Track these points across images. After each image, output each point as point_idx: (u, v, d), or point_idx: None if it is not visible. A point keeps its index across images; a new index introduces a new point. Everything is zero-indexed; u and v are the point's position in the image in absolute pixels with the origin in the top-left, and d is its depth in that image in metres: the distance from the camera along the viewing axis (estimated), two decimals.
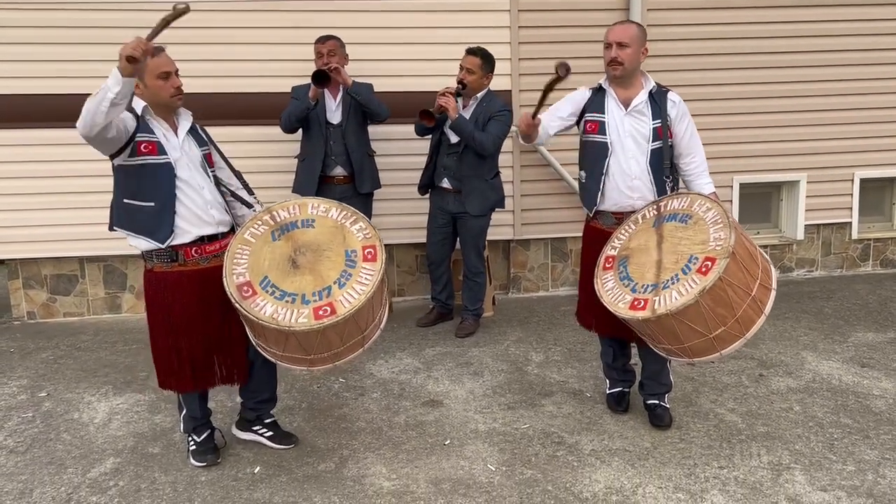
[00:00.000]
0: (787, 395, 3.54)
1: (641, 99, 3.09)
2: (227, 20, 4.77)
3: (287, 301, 2.62)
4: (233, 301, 2.63)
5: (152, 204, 2.72)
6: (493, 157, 4.39)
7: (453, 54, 4.38)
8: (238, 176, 3.04)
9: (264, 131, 4.84)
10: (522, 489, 2.79)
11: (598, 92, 3.18)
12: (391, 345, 4.36)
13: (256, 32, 4.81)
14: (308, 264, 2.73)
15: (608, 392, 3.48)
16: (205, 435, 3.04)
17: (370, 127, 4.59)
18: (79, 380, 3.95)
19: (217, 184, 2.93)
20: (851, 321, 4.62)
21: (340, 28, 4.55)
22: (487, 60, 4.26)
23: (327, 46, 4.33)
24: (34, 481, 2.92)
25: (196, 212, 2.79)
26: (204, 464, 2.99)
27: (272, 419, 3.20)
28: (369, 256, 2.74)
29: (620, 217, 3.11)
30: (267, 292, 2.65)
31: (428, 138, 4.48)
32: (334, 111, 4.40)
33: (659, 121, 3.07)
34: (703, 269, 2.62)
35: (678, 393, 3.55)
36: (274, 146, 4.85)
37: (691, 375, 3.79)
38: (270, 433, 3.16)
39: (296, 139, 4.55)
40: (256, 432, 3.17)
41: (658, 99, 3.09)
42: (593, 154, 3.16)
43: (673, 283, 2.68)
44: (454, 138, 4.32)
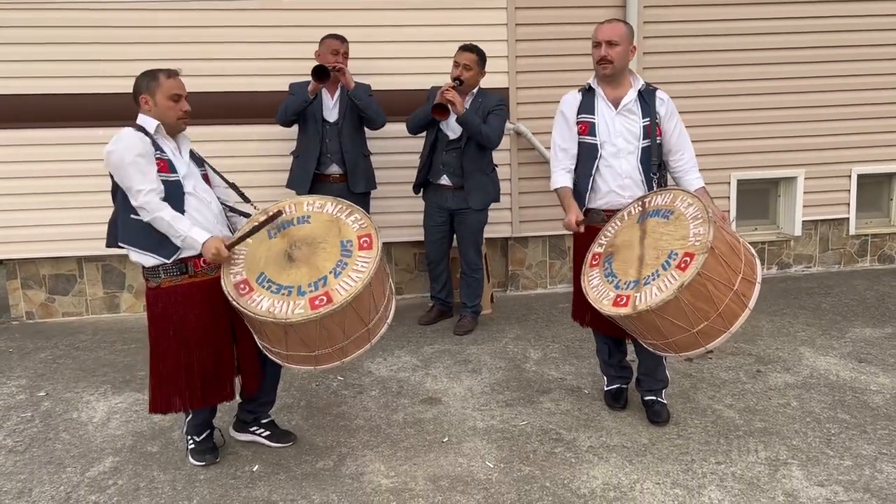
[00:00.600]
0: (785, 391, 3.55)
1: (631, 98, 3.11)
2: (222, 19, 4.78)
3: (283, 294, 2.62)
4: (230, 299, 2.63)
5: None
6: (491, 152, 4.44)
7: (450, 52, 4.38)
8: (233, 186, 3.06)
9: (259, 130, 4.85)
10: (520, 486, 2.79)
11: (588, 92, 3.19)
12: (390, 343, 4.36)
13: (252, 31, 4.81)
14: (303, 257, 2.72)
15: (606, 389, 3.48)
16: (204, 434, 3.04)
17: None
18: (77, 379, 3.96)
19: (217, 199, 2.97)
20: (849, 317, 4.62)
21: (337, 26, 4.56)
22: (482, 56, 4.30)
23: (345, 47, 4.34)
24: (33, 480, 2.93)
25: (205, 225, 2.80)
26: (203, 463, 3.00)
27: (269, 419, 3.20)
28: (365, 245, 2.73)
29: (611, 214, 3.12)
30: (263, 287, 2.65)
31: (421, 136, 4.49)
32: (331, 109, 4.40)
33: (648, 119, 3.09)
34: (683, 265, 2.63)
35: (676, 389, 3.56)
36: (269, 144, 4.86)
37: (689, 371, 3.79)
38: (268, 433, 3.16)
39: (291, 137, 4.56)
40: (254, 433, 3.17)
41: (647, 97, 3.11)
42: (583, 155, 3.17)
43: (654, 280, 2.69)
44: (452, 135, 4.34)
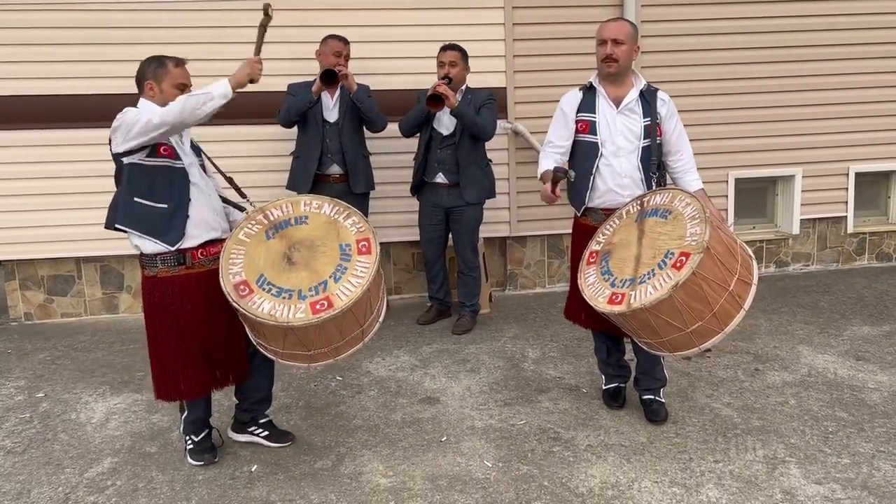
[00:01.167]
0: (783, 389, 3.55)
1: (632, 97, 3.11)
2: (220, 19, 4.78)
3: (284, 297, 2.64)
4: (230, 300, 2.64)
5: (165, 206, 2.73)
6: (484, 145, 4.48)
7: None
8: (231, 181, 3.06)
9: (258, 130, 4.85)
10: (518, 485, 2.80)
11: (589, 91, 3.19)
12: (388, 342, 4.37)
13: (250, 31, 4.79)
14: (303, 260, 2.74)
15: (604, 388, 3.49)
16: (202, 434, 3.04)
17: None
18: (76, 380, 3.96)
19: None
20: (847, 315, 4.63)
21: (336, 26, 4.56)
22: (464, 53, 4.35)
23: (347, 49, 4.36)
24: (32, 481, 2.93)
25: (206, 217, 2.81)
26: (201, 463, 3.00)
27: (267, 419, 3.20)
28: (364, 249, 2.75)
29: (610, 213, 3.12)
30: (264, 290, 2.66)
31: (416, 137, 4.52)
32: (331, 109, 4.40)
33: (649, 119, 3.09)
34: (678, 265, 2.64)
35: (674, 388, 3.56)
36: (268, 145, 4.86)
37: (687, 370, 3.80)
38: (267, 433, 3.17)
39: (290, 138, 4.56)
40: (253, 433, 3.17)
41: (648, 97, 3.11)
42: (583, 153, 3.17)
43: (649, 278, 2.70)
44: (446, 131, 4.36)
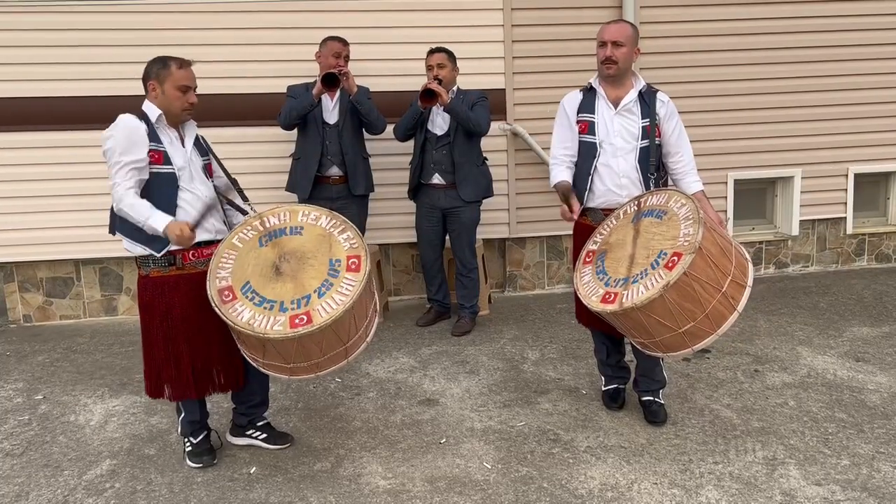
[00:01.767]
0: (782, 391, 3.55)
1: (631, 98, 3.12)
2: (221, 21, 4.78)
3: (265, 308, 2.61)
4: (212, 304, 2.63)
5: None
6: (479, 143, 4.49)
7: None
8: (234, 183, 3.05)
9: (257, 132, 4.85)
10: (518, 486, 2.79)
11: (589, 92, 3.20)
12: (387, 344, 4.36)
13: (251, 33, 4.81)
14: (291, 272, 2.71)
15: (603, 389, 3.49)
16: (201, 436, 3.04)
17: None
18: (75, 382, 3.95)
19: (216, 192, 2.95)
20: (846, 316, 4.63)
21: (335, 28, 4.56)
22: (451, 54, 4.37)
23: (347, 50, 4.36)
24: (30, 484, 2.92)
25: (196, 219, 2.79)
26: (200, 465, 2.99)
27: (265, 421, 3.20)
28: (353, 266, 2.70)
29: (609, 213, 3.13)
30: (247, 298, 2.64)
31: (411, 143, 4.56)
32: (331, 111, 4.40)
33: (648, 120, 3.10)
34: (670, 265, 2.64)
35: (673, 389, 3.56)
36: (267, 146, 4.86)
37: (686, 371, 3.80)
38: (265, 435, 3.16)
39: (290, 139, 4.56)
40: (251, 436, 3.17)
41: (647, 98, 3.12)
42: (582, 154, 3.18)
43: (642, 278, 2.70)
44: (441, 131, 4.39)
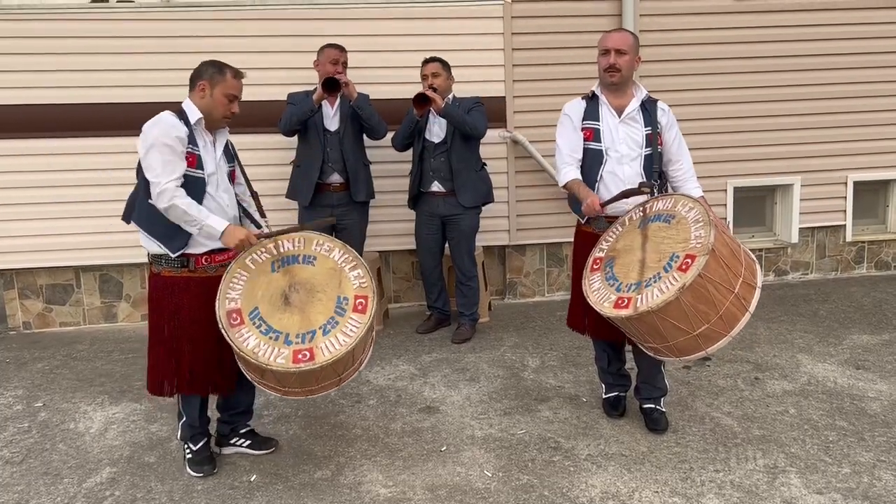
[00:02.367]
0: (783, 398, 3.55)
1: (634, 107, 3.14)
2: (221, 29, 4.80)
3: (270, 338, 2.64)
4: (220, 325, 2.65)
5: None
6: (477, 148, 4.51)
7: (448, 61, 4.42)
8: (255, 197, 3.06)
9: (258, 139, 4.86)
10: (519, 495, 2.79)
11: (592, 100, 3.21)
12: (388, 351, 4.36)
13: (251, 41, 4.83)
14: (299, 303, 2.73)
15: (604, 397, 3.48)
16: (201, 443, 3.03)
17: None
18: (75, 389, 3.95)
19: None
20: (846, 324, 4.63)
21: (336, 36, 4.57)
22: (445, 63, 4.39)
23: (344, 57, 4.38)
24: (30, 492, 2.91)
25: None
26: (200, 474, 2.98)
27: (248, 428, 3.20)
28: (360, 307, 2.73)
29: (613, 220, 3.13)
30: (254, 324, 2.66)
31: (409, 152, 4.58)
32: (332, 118, 4.41)
33: (650, 128, 3.12)
34: (684, 267, 2.64)
35: (674, 397, 3.56)
36: (268, 154, 4.87)
37: (687, 379, 3.80)
38: (249, 441, 3.17)
39: (290, 146, 4.56)
40: (235, 444, 3.16)
41: (649, 107, 3.15)
42: (588, 161, 3.19)
43: (655, 281, 2.70)
44: (437, 139, 4.41)
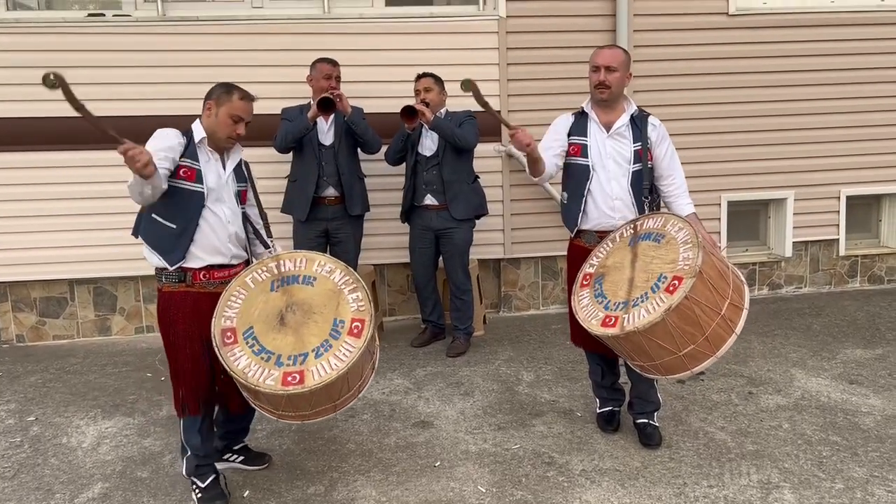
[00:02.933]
0: (777, 413, 3.55)
1: (623, 122, 3.15)
2: (216, 43, 4.82)
3: (262, 358, 2.61)
4: (213, 344, 2.63)
5: (174, 226, 2.74)
6: (470, 161, 4.53)
7: (443, 75, 4.45)
8: (264, 218, 3.07)
9: (252, 153, 4.79)
10: None
11: (581, 115, 3.23)
12: (382, 365, 4.34)
13: (244, 55, 4.84)
14: (294, 324, 2.70)
15: (598, 411, 3.48)
16: (209, 480, 2.90)
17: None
18: (67, 403, 3.93)
19: (245, 219, 2.96)
20: (840, 338, 4.64)
21: (330, 51, 4.60)
22: (438, 79, 4.43)
23: (337, 71, 4.40)
24: None
25: (214, 243, 2.79)
26: None
27: (242, 444, 3.18)
28: (355, 331, 2.68)
29: (603, 236, 3.15)
30: (247, 344, 2.63)
31: (402, 167, 4.61)
32: (327, 133, 4.43)
33: (639, 143, 3.13)
34: (671, 288, 2.65)
35: (668, 411, 3.56)
36: (262, 167, 4.82)
37: (681, 394, 3.80)
38: (242, 457, 3.15)
39: (284, 160, 4.57)
40: (228, 460, 3.15)
41: (639, 122, 3.15)
42: (576, 176, 3.21)
43: (642, 301, 2.71)
44: (429, 152, 4.43)
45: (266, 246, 3.02)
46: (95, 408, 3.86)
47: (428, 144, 4.44)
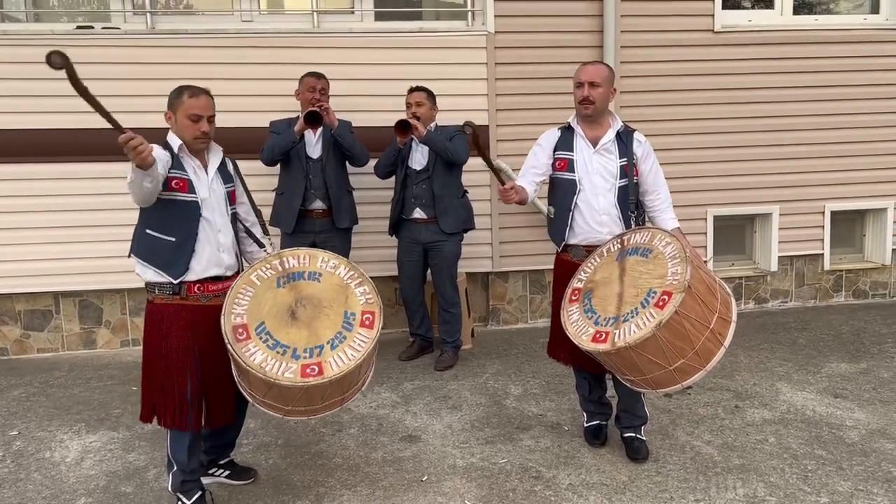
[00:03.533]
0: (762, 427, 3.56)
1: (609, 138, 3.18)
2: (205, 56, 4.82)
3: (278, 352, 2.61)
4: (226, 341, 2.62)
5: (173, 239, 2.73)
6: (459, 175, 4.55)
7: (434, 90, 4.47)
8: (258, 215, 3.05)
9: (242, 166, 4.84)
10: None
11: (567, 130, 3.26)
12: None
13: (233, 68, 4.85)
14: (306, 318, 2.72)
15: (585, 425, 3.49)
16: (195, 497, 2.87)
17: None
18: (51, 417, 3.89)
19: (234, 220, 2.94)
20: (825, 352, 4.67)
21: (319, 65, 4.62)
22: (430, 93, 4.44)
23: (321, 83, 4.41)
24: None
25: (210, 254, 2.79)
26: None
27: (228, 459, 3.16)
28: (367, 322, 2.74)
29: (591, 250, 3.16)
30: (260, 339, 2.64)
31: (390, 180, 4.63)
32: (314, 146, 4.44)
33: (625, 159, 3.16)
34: (661, 303, 2.67)
35: (655, 425, 3.56)
36: (249, 180, 4.83)
37: (667, 407, 3.81)
38: (228, 472, 3.13)
39: (272, 173, 4.57)
40: (213, 475, 3.12)
41: (625, 138, 3.18)
42: (562, 191, 3.23)
43: (632, 317, 2.73)
44: (419, 166, 4.44)
45: (260, 245, 3.01)
46: (80, 422, 3.82)
47: (418, 158, 4.46)
